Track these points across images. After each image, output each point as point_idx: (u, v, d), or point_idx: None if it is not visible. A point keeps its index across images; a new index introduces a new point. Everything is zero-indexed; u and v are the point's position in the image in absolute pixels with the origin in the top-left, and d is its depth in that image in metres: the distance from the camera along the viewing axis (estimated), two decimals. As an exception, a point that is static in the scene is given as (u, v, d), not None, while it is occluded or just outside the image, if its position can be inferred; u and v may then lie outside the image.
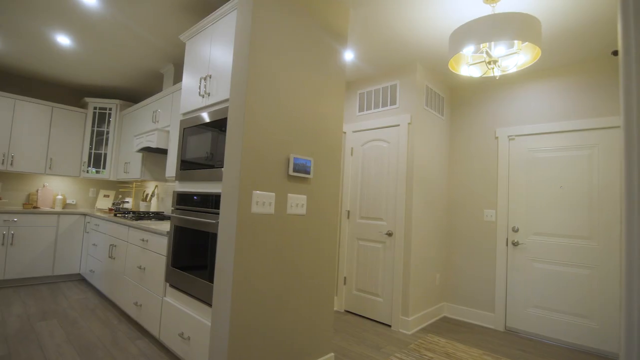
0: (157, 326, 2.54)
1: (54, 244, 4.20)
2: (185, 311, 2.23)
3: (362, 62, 3.37)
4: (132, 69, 3.98)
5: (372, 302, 3.41)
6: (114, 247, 3.42)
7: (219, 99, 2.15)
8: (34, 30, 3.16)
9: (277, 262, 1.87)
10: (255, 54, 1.78)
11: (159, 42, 3.25)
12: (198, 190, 2.25)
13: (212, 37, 2.31)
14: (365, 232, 3.53)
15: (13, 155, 4.15)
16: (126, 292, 3.08)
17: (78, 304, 3.51)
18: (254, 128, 1.76)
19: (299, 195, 1.98)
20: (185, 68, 2.58)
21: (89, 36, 3.21)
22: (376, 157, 3.52)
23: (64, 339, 2.66)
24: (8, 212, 3.90)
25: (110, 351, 2.49)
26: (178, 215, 2.38)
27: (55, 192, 4.71)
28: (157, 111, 3.68)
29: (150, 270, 2.70)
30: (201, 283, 2.09)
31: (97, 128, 4.69)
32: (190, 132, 2.39)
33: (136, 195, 4.87)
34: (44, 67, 4.11)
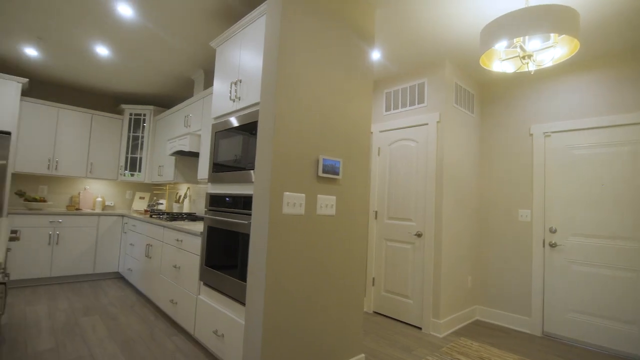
0: (192, 323, 2.64)
1: (95, 244, 4.45)
2: (218, 309, 2.29)
3: (388, 61, 3.34)
4: (164, 76, 4.15)
5: (401, 304, 3.37)
6: (150, 247, 3.58)
7: (249, 102, 2.20)
8: (76, 43, 3.36)
9: (307, 262, 1.89)
10: (285, 57, 1.81)
11: (190, 49, 3.37)
12: (230, 191, 2.32)
13: (241, 42, 2.38)
14: (394, 232, 3.50)
15: (57, 161, 4.42)
16: (162, 290, 3.21)
17: (117, 300, 3.70)
18: (284, 130, 1.80)
19: (329, 196, 1.99)
20: (216, 74, 2.66)
21: (125, 46, 3.38)
22: (404, 156, 3.48)
23: (105, 334, 2.81)
24: (54, 214, 4.17)
25: (149, 346, 2.60)
26: (211, 216, 2.46)
27: (95, 195, 4.98)
28: (188, 116, 3.81)
29: (185, 269, 2.80)
30: (234, 282, 2.15)
31: (133, 133, 4.92)
32: (222, 135, 2.46)
33: (169, 197, 5.07)
34: (85, 77, 4.36)
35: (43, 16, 2.88)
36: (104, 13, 2.77)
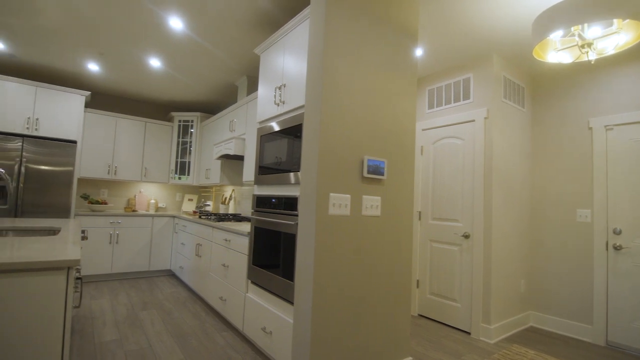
0: (240, 320, 2.74)
1: (150, 243, 4.76)
2: (266, 307, 2.37)
3: (431, 58, 3.26)
4: (210, 83, 4.35)
5: (448, 307, 3.27)
6: (199, 246, 3.76)
7: (293, 106, 2.25)
8: (133, 56, 3.63)
9: (354, 263, 1.90)
10: (329, 59, 1.83)
11: (234, 57, 3.51)
12: (275, 193, 2.39)
13: (284, 48, 2.44)
14: (439, 233, 3.40)
15: (116, 166, 4.79)
16: (212, 287, 3.36)
17: (171, 296, 3.93)
18: (329, 132, 1.82)
19: (374, 196, 1.99)
20: (260, 79, 2.75)
21: (175, 58, 3.59)
22: (449, 155, 3.38)
23: (162, 328, 2.99)
24: (114, 215, 4.52)
25: (201, 340, 2.74)
26: (257, 216, 2.54)
27: (149, 197, 5.33)
28: (233, 121, 3.97)
29: (233, 268, 2.92)
30: (281, 281, 2.21)
31: (182, 139, 5.21)
32: (267, 138, 2.54)
33: (216, 198, 5.30)
34: (139, 87, 4.69)
35: (105, 34, 3.14)
36: (158, 27, 2.97)
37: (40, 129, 4.05)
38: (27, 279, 1.21)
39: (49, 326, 1.25)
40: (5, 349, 1.17)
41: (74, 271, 1.31)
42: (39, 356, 1.23)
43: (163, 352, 2.51)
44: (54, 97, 4.14)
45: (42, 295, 1.23)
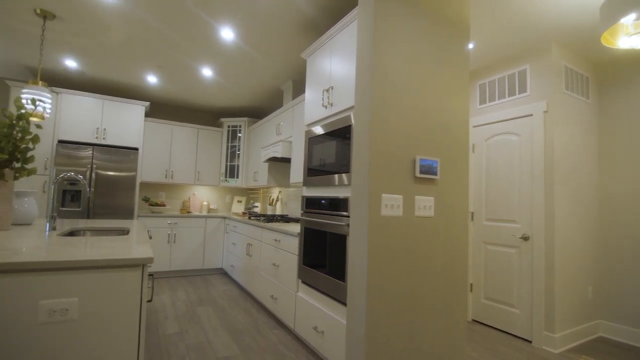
0: (291, 318, 2.80)
1: (203, 243, 5.03)
2: (317, 307, 2.40)
3: (481, 50, 3.12)
4: (256, 89, 4.51)
5: (505, 313, 3.10)
6: (250, 246, 3.91)
7: (341, 107, 2.27)
8: (187, 67, 3.87)
9: (407, 265, 1.87)
10: (378, 58, 1.83)
11: (280, 63, 3.61)
12: (325, 194, 2.42)
13: (331, 51, 2.46)
14: (494, 235, 3.23)
15: (173, 171, 5.12)
16: (262, 286, 3.48)
17: (224, 294, 4.12)
18: (380, 132, 1.81)
19: (426, 197, 1.94)
20: (308, 82, 2.80)
21: (225, 66, 3.77)
22: (504, 152, 3.20)
23: (218, 323, 3.15)
24: (171, 216, 4.84)
25: (254, 337, 2.84)
26: (307, 217, 2.59)
27: (202, 199, 5.64)
28: (279, 124, 4.08)
29: (283, 268, 3.00)
30: (332, 281, 2.23)
31: (231, 143, 5.45)
32: (315, 141, 2.58)
33: (263, 199, 5.47)
34: (192, 96, 4.98)
35: (164, 48, 3.38)
36: (211, 39, 3.14)
37: (107, 138, 4.45)
38: (109, 275, 1.34)
39: (127, 317, 1.37)
40: (92, 335, 1.31)
41: (147, 268, 1.43)
42: (120, 342, 1.35)
43: (220, 346, 2.64)
44: (118, 109, 4.53)
45: (121, 289, 1.36)
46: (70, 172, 3.02)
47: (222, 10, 2.66)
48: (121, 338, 1.36)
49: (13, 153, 1.99)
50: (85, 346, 1.30)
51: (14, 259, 1.21)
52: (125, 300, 1.37)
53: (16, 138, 2.00)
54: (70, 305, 1.27)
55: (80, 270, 1.29)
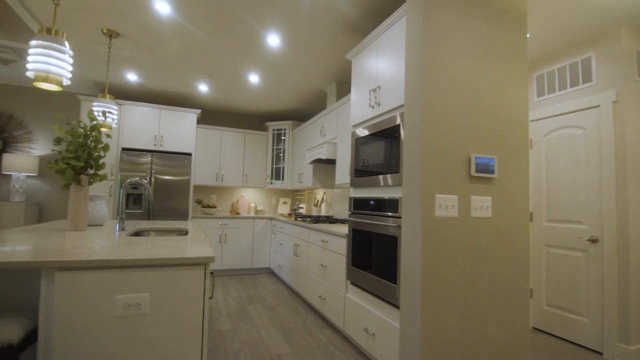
0: (340, 319, 2.81)
1: (251, 243, 5.20)
2: (368, 308, 2.38)
3: (538, 40, 2.92)
4: (300, 92, 4.59)
5: (571, 322, 2.86)
6: (297, 247, 3.98)
7: (389, 107, 2.24)
8: (235, 75, 4.04)
9: (463, 267, 1.80)
10: (429, 54, 1.78)
11: (323, 65, 3.64)
12: (373, 195, 2.40)
13: (377, 50, 2.44)
14: (557, 237, 3.00)
15: (222, 174, 5.36)
16: (310, 286, 3.52)
17: (273, 293, 4.23)
18: (433, 130, 1.76)
19: (483, 197, 1.85)
20: (353, 83, 2.80)
21: (270, 72, 3.88)
22: (566, 147, 2.97)
23: (268, 320, 3.24)
24: (222, 218, 5.06)
25: (304, 336, 2.89)
26: (355, 218, 2.58)
27: (250, 201, 5.84)
28: (324, 126, 4.11)
29: (331, 268, 3.02)
30: (382, 283, 2.21)
31: (276, 146, 5.59)
32: (362, 141, 2.57)
33: (308, 200, 5.55)
34: (239, 102, 5.18)
35: (215, 57, 3.56)
36: (258, 46, 3.25)
37: (164, 144, 4.76)
38: (176, 272, 1.43)
39: (192, 312, 1.46)
40: (161, 328, 1.41)
41: (209, 267, 1.51)
42: (186, 336, 1.44)
43: (272, 343, 2.72)
44: (173, 117, 4.83)
45: (186, 286, 1.45)
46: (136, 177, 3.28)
47: (269, 16, 2.74)
48: (187, 332, 1.45)
49: (88, 161, 2.20)
50: (155, 338, 1.40)
51: (95, 257, 1.34)
52: (190, 296, 1.46)
53: (90, 147, 2.21)
54: (142, 300, 1.38)
55: (151, 268, 1.40)
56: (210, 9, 2.66)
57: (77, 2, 2.63)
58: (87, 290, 1.31)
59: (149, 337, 1.39)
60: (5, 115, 4.73)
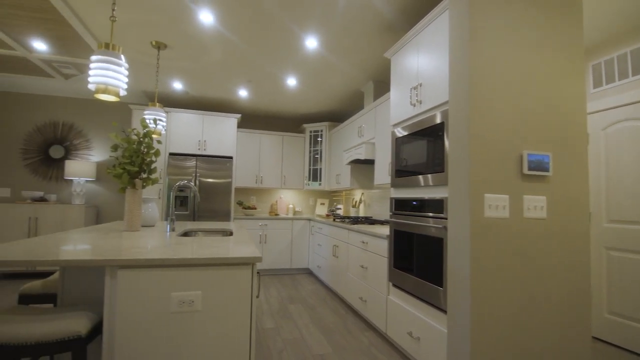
0: (383, 322, 2.77)
1: (290, 243, 5.28)
2: (411, 311, 2.33)
3: (595, 27, 2.70)
4: (336, 93, 4.59)
5: (637, 332, 2.61)
6: (336, 247, 3.98)
7: (432, 104, 2.18)
8: (273, 79, 4.12)
9: (516, 271, 1.70)
10: (475, 48, 1.71)
11: (359, 65, 3.62)
12: (416, 195, 2.34)
13: (418, 47, 2.38)
14: (619, 239, 2.76)
15: (262, 176, 5.50)
16: (350, 287, 3.51)
17: (312, 293, 4.26)
18: (480, 127, 1.69)
19: (537, 196, 1.75)
20: (393, 82, 2.76)
21: (308, 74, 3.92)
22: (630, 141, 2.72)
23: (309, 320, 3.27)
24: (262, 218, 5.18)
25: (345, 337, 2.88)
26: (397, 219, 2.54)
27: (288, 202, 5.93)
28: (361, 126, 4.09)
29: (372, 270, 2.98)
30: (427, 286, 2.15)
31: (313, 148, 5.64)
32: (403, 140, 2.52)
33: (346, 201, 5.54)
34: (277, 105, 5.29)
35: (254, 63, 3.66)
36: (296, 49, 3.29)
37: (207, 149, 4.97)
38: (226, 271, 1.49)
39: (240, 310, 1.50)
40: (213, 324, 1.47)
41: (256, 266, 1.55)
42: (235, 332, 1.49)
43: (313, 343, 2.73)
44: (215, 122, 5.03)
45: (235, 285, 1.50)
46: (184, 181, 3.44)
47: (308, 18, 2.77)
48: (236, 328, 1.50)
49: (141, 165, 2.34)
50: (207, 334, 1.46)
51: (152, 256, 1.42)
52: (238, 294, 1.50)
53: (143, 153, 2.35)
54: (195, 297, 1.45)
55: (203, 267, 1.46)
56: (250, 15, 2.74)
57: (129, 17, 2.81)
58: (146, 287, 1.40)
59: (201, 333, 1.45)
60: (67, 125, 5.17)
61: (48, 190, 5.09)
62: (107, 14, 2.77)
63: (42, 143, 5.08)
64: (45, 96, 5.13)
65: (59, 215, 4.64)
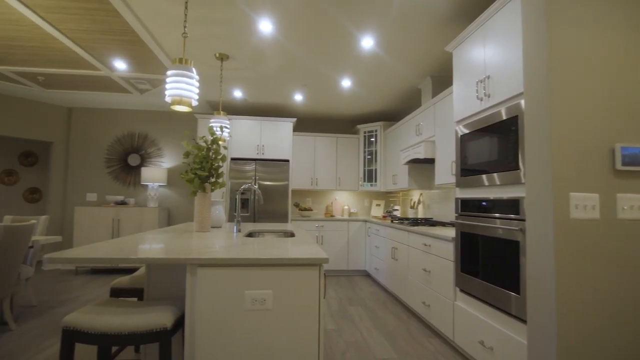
0: (449, 328, 2.64)
1: (347, 245, 5.27)
2: (482, 319, 2.19)
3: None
4: (392, 92, 4.50)
5: None
6: (395, 250, 3.89)
7: (503, 97, 2.04)
8: (328, 81, 4.16)
9: (610, 278, 1.51)
10: (554, 32, 1.56)
11: (416, 61, 3.51)
12: (486, 195, 2.20)
13: (484, 37, 2.25)
14: None
15: (317, 178, 5.57)
16: (412, 291, 3.40)
17: (371, 295, 4.20)
18: (563, 119, 1.53)
19: (634, 194, 1.54)
20: (455, 76, 2.63)
21: (363, 74, 3.89)
22: None
23: (370, 324, 3.22)
24: (318, 220, 5.25)
25: (409, 343, 2.79)
26: (463, 221, 2.40)
27: (343, 204, 5.94)
28: (419, 124, 3.95)
29: (436, 274, 2.86)
30: (501, 293, 2.00)
31: (367, 148, 5.58)
32: (469, 137, 2.38)
33: (403, 202, 5.40)
34: (331, 107, 5.33)
35: (310, 67, 3.73)
36: (351, 49, 3.29)
37: (265, 153, 5.16)
38: (294, 272, 1.52)
39: (309, 310, 1.52)
40: (283, 323, 1.51)
41: (323, 267, 1.56)
42: (304, 331, 1.52)
43: (376, 347, 2.69)
44: (272, 127, 5.20)
45: (303, 286, 1.52)
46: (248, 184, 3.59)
47: (364, 15, 2.75)
48: (304, 328, 1.52)
49: (210, 170, 2.49)
50: (278, 332, 1.50)
51: (227, 255, 1.50)
52: (307, 295, 1.53)
53: (211, 158, 2.50)
54: (266, 296, 1.50)
55: (274, 267, 1.51)
56: (307, 19, 2.78)
57: (196, 33, 3.02)
58: (222, 284, 1.48)
59: (272, 331, 1.50)
60: (142, 136, 5.70)
61: (127, 195, 5.65)
62: (177, 31, 3.01)
63: (122, 152, 5.65)
64: (123, 110, 5.71)
65: (137, 217, 5.12)
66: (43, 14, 2.75)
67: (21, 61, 3.74)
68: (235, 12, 2.68)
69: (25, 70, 3.99)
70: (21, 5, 2.62)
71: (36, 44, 3.30)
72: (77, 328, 1.40)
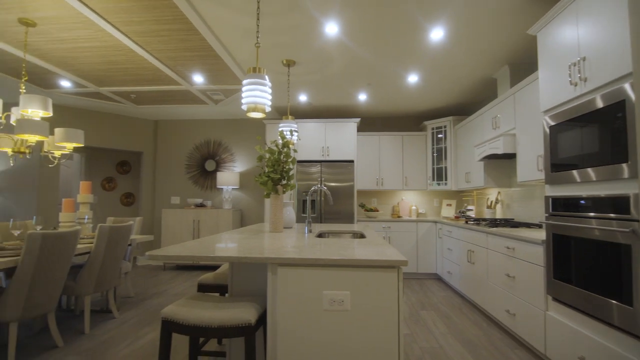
0: (540, 341, 2.39)
1: (416, 247, 5.08)
2: (583, 332, 1.93)
3: None
4: (462, 85, 4.23)
5: None
6: (471, 253, 3.64)
7: (604, 81, 1.78)
8: (393, 78, 4.06)
9: None
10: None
11: (492, 49, 3.24)
12: (585, 192, 1.94)
13: (577, 15, 1.99)
14: None
15: (382, 178, 5.46)
16: (492, 298, 3.14)
17: (444, 300, 3.99)
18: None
19: None
20: (541, 61, 2.37)
21: (430, 68, 3.72)
22: None
23: (445, 330, 3.05)
24: (384, 221, 5.14)
25: (492, 353, 2.58)
26: (556, 222, 2.15)
27: (410, 204, 5.74)
28: (496, 117, 3.66)
29: (522, 280, 2.61)
30: (607, 303, 1.75)
31: (436, 145, 5.32)
32: (561, 128, 2.13)
33: (477, 202, 5.04)
34: (395, 105, 5.19)
35: (374, 65, 3.67)
36: (419, 41, 3.16)
37: (330, 154, 5.21)
38: (372, 274, 1.50)
39: (387, 312, 1.49)
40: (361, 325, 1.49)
41: (402, 270, 1.51)
42: (383, 334, 1.48)
43: (455, 356, 2.54)
44: (336, 128, 5.23)
45: (382, 288, 1.49)
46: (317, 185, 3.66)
47: (436, 5, 2.63)
48: (383, 331, 1.48)
49: (282, 173, 2.58)
50: (356, 334, 1.49)
51: (305, 255, 1.53)
52: (385, 297, 1.49)
53: (283, 161, 2.58)
54: (344, 297, 1.49)
55: (351, 268, 1.50)
56: (375, 12, 2.74)
57: (264, 42, 3.16)
58: (301, 284, 1.51)
59: (351, 332, 1.49)
60: (216, 143, 6.14)
61: (205, 197, 6.13)
62: (247, 43, 3.17)
63: (200, 159, 6.15)
64: (200, 120, 6.22)
65: (214, 218, 5.52)
66: (136, 38, 3.11)
67: (119, 82, 4.27)
68: (301, 18, 2.75)
69: (122, 89, 4.55)
70: (118, 33, 2.99)
71: (131, 66, 3.75)
72: (173, 319, 1.54)
